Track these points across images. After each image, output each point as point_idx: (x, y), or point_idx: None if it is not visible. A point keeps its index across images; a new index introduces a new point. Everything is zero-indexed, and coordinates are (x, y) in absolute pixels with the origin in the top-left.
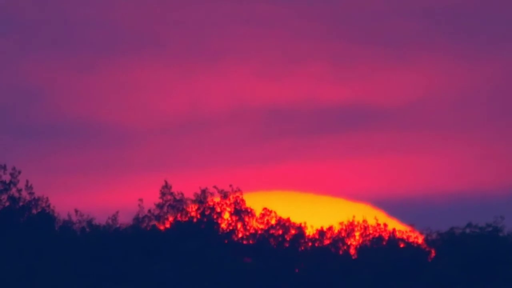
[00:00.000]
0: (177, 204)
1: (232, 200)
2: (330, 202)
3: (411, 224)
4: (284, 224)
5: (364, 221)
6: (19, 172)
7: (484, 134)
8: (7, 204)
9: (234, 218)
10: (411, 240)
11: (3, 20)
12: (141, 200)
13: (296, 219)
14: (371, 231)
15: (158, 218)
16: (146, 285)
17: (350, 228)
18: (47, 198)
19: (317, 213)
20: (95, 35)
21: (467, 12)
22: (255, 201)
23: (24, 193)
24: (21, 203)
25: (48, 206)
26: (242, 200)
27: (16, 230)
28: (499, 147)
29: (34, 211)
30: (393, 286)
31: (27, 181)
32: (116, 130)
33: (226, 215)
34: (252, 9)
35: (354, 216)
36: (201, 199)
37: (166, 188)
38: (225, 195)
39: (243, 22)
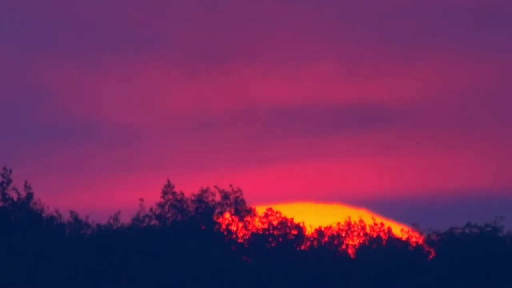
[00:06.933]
0: (178, 204)
1: (232, 200)
2: (333, 205)
3: (411, 224)
4: (285, 224)
5: (361, 220)
6: (10, 171)
7: (484, 134)
8: (1, 204)
9: (234, 218)
10: (410, 240)
11: (7, 21)
12: (142, 200)
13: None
14: (368, 231)
15: (159, 217)
16: (146, 285)
17: (347, 228)
18: (39, 198)
19: (317, 213)
20: (99, 34)
21: (471, 13)
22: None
23: (23, 193)
24: (17, 203)
25: (36, 204)
26: (243, 200)
27: (13, 230)
28: (499, 147)
29: (31, 211)
30: (392, 286)
31: (26, 181)
32: (119, 130)
33: (227, 215)
34: (259, 8)
35: (349, 217)
36: (201, 198)
37: (168, 187)
38: (225, 195)
39: (250, 21)
